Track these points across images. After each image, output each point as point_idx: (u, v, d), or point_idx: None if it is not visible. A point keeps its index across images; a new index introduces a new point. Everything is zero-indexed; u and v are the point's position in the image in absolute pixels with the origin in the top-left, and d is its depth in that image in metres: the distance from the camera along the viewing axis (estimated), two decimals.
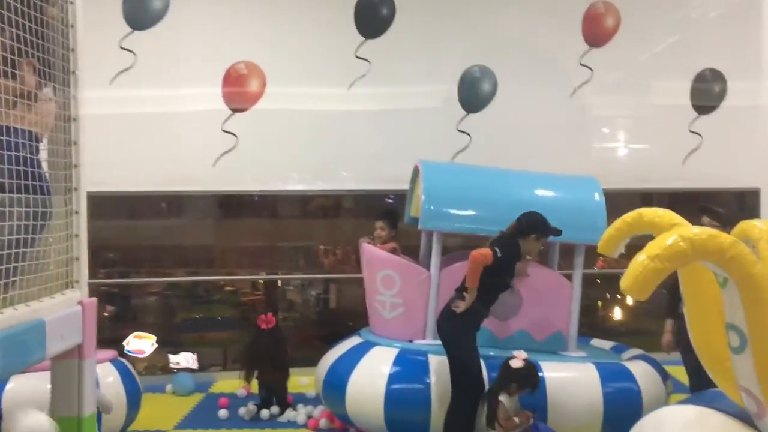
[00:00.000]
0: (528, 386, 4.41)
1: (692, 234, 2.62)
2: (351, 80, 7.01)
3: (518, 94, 7.17)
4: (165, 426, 5.56)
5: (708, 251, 2.58)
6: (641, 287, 2.57)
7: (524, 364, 4.40)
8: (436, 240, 5.20)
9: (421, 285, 5.20)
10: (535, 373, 4.44)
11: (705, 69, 7.41)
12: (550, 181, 5.60)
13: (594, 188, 5.38)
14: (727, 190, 7.36)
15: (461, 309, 4.46)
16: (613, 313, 9.29)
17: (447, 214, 5.20)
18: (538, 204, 5.18)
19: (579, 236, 5.16)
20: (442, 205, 5.22)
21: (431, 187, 5.24)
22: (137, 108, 6.72)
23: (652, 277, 2.56)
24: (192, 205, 8.46)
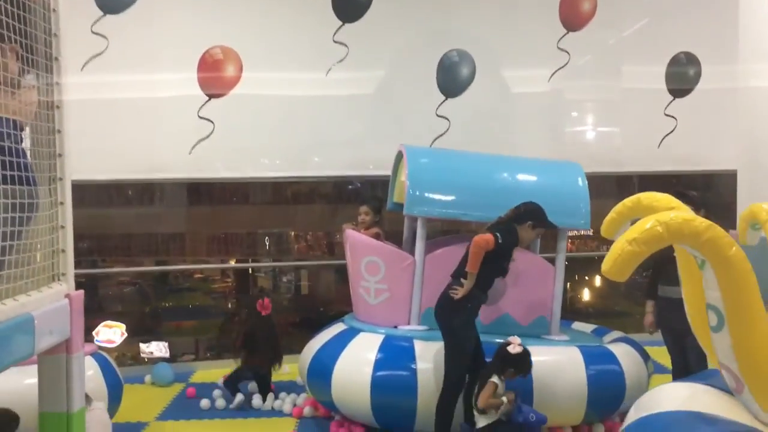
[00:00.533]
0: (522, 371, 4.44)
1: (668, 218, 2.70)
2: (329, 65, 6.93)
3: (497, 79, 7.18)
4: (146, 418, 5.48)
5: (684, 235, 2.67)
6: (620, 269, 2.70)
7: (521, 349, 4.43)
8: (420, 225, 5.17)
9: (406, 271, 5.17)
10: (530, 359, 4.47)
11: (680, 52, 7.49)
12: (534, 166, 5.61)
13: (577, 173, 5.41)
14: (703, 172, 7.47)
15: (460, 294, 4.46)
16: (583, 295, 9.45)
17: (432, 200, 5.17)
18: (522, 189, 5.24)
19: (562, 221, 5.19)
20: (426, 190, 5.18)
21: (416, 172, 5.21)
22: (110, 94, 6.53)
23: (630, 260, 2.69)
24: (164, 193, 8.34)
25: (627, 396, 4.88)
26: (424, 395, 4.68)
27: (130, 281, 9.32)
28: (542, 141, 7.21)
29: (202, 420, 5.45)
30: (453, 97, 7.13)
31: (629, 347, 5.17)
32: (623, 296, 8.98)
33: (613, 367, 4.93)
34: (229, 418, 5.48)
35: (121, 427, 5.14)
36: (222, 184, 7.86)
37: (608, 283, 9.07)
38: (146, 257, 9.20)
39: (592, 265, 8.68)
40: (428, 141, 6.99)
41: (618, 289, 8.99)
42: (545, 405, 4.60)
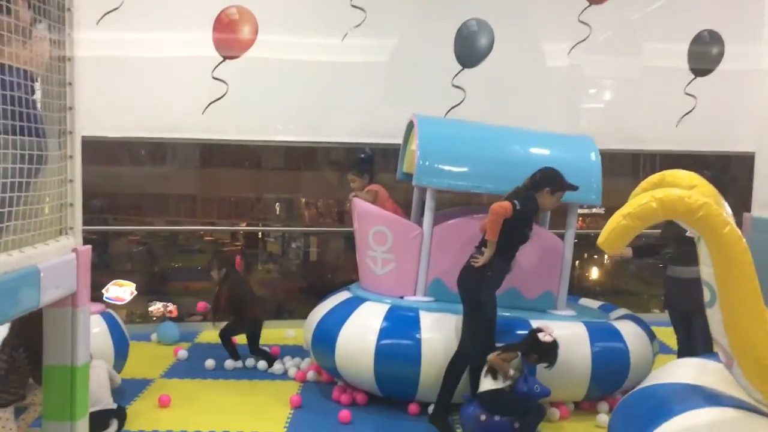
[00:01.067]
0: (546, 361, 4.45)
1: (663, 195, 2.78)
2: (345, 30, 6.82)
3: (515, 50, 7.04)
4: (151, 375, 5.54)
5: (677, 211, 2.75)
6: (613, 242, 2.81)
7: (551, 340, 4.44)
8: (429, 196, 5.13)
9: (413, 242, 5.15)
10: (557, 351, 4.46)
11: (704, 30, 7.32)
12: (546, 139, 5.53)
13: (590, 148, 5.33)
14: (721, 153, 7.36)
15: (480, 263, 4.43)
16: (592, 273, 9.41)
17: (442, 171, 5.11)
18: (534, 162, 5.12)
19: (574, 196, 5.14)
20: (436, 161, 5.12)
21: (426, 143, 5.15)
22: (124, 51, 6.49)
23: (623, 234, 2.80)
24: (176, 154, 8.33)
25: (631, 374, 4.89)
26: (427, 365, 4.70)
27: (140, 240, 9.37)
28: (559, 116, 7.11)
29: (205, 380, 5.50)
30: (470, 68, 7.02)
31: (635, 325, 5.16)
32: (632, 275, 8.95)
33: (618, 344, 4.93)
34: (234, 379, 5.53)
35: (127, 383, 5.21)
36: (234, 147, 7.82)
37: (618, 262, 9.05)
38: (157, 217, 9.23)
39: None
40: (443, 111, 6.90)
41: (627, 268, 8.96)
42: (548, 379, 4.57)
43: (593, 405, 4.97)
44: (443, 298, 5.09)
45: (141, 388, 5.23)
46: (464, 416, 4.48)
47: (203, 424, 4.58)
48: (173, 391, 5.07)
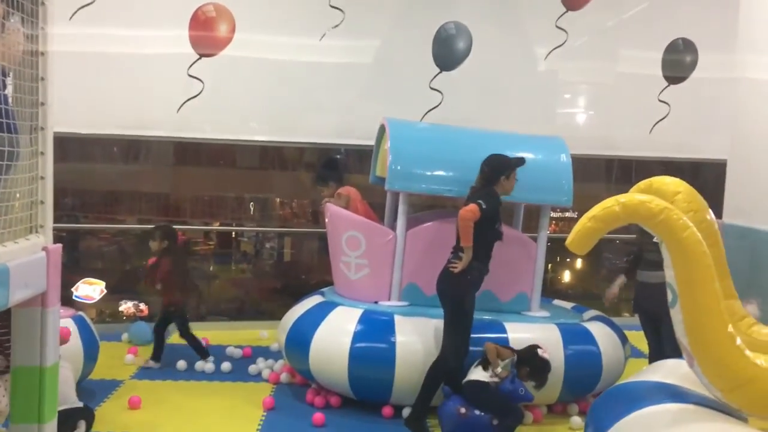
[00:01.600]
0: (535, 378, 4.50)
1: (626, 199, 2.95)
2: (323, 31, 6.79)
3: (493, 54, 7.07)
4: (121, 376, 5.46)
5: (639, 215, 2.90)
6: (579, 243, 2.95)
7: (547, 359, 4.50)
8: (402, 201, 5.11)
9: (387, 246, 5.13)
10: (547, 375, 4.52)
11: (678, 38, 7.42)
12: (517, 141, 5.52)
13: (561, 149, 5.35)
14: (694, 160, 7.46)
15: (459, 268, 4.44)
16: (564, 277, 9.48)
17: (414, 175, 5.09)
18: None
19: (545, 198, 5.19)
20: (409, 165, 5.10)
21: (398, 147, 5.12)
22: (98, 47, 6.38)
23: (588, 235, 2.93)
24: (149, 151, 8.21)
25: (603, 377, 4.93)
26: (401, 368, 4.68)
27: (111, 239, 9.23)
28: (534, 120, 7.14)
29: (177, 381, 5.44)
30: (447, 71, 7.04)
31: (608, 328, 5.19)
32: (603, 279, 9.03)
33: (590, 347, 4.96)
34: (206, 380, 5.47)
35: (96, 384, 5.13)
36: (209, 146, 7.74)
37: (589, 266, 9.13)
38: (129, 215, 9.10)
39: None
40: (420, 113, 6.91)
41: (599, 272, 9.04)
42: None
43: (565, 408, 5.00)
44: (418, 302, 5.10)
45: (111, 390, 5.15)
46: (444, 410, 4.49)
47: (174, 426, 4.53)
48: (144, 393, 5.00)
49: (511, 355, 4.53)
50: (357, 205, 5.49)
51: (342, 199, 5.45)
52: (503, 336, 4.84)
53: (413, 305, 5.09)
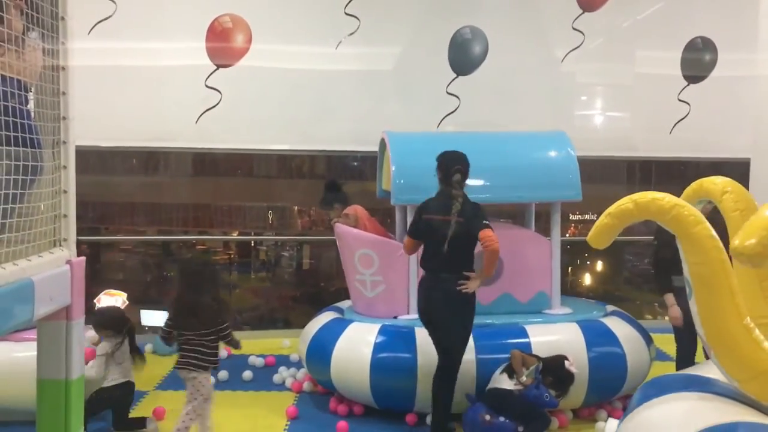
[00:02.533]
0: (557, 387, 4.46)
1: (639, 197, 3.05)
2: (339, 38, 6.81)
3: (509, 58, 7.05)
4: (145, 387, 5.46)
5: (651, 211, 2.99)
6: (597, 238, 3.12)
7: (572, 372, 4.47)
8: (410, 214, 5.05)
9: (400, 261, 5.05)
10: (569, 387, 4.50)
11: (696, 37, 7.35)
12: (520, 140, 5.46)
13: (565, 143, 5.27)
14: (714, 159, 7.38)
15: (471, 289, 4.32)
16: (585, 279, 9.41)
17: (419, 187, 4.86)
18: (510, 166, 5.18)
19: (554, 194, 5.13)
20: (412, 178, 5.01)
21: (400, 160, 5.07)
22: (116, 60, 6.46)
23: (605, 231, 3.08)
24: (168, 162, 8.29)
25: (628, 379, 4.85)
26: (423, 378, 4.61)
27: (132, 250, 9.31)
28: (552, 123, 7.07)
29: None
30: (464, 75, 7.02)
31: (631, 328, 5.09)
32: (625, 282, 8.96)
33: (614, 349, 4.86)
34: (229, 390, 5.47)
35: None
36: (227, 156, 7.79)
37: (611, 268, 9.06)
38: (149, 227, 9.18)
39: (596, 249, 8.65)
40: (437, 119, 6.91)
41: (621, 274, 8.97)
42: None
43: (592, 412, 4.94)
44: None
45: (136, 400, 5.16)
46: (468, 417, 4.46)
47: None
48: (168, 403, 4.99)
49: (536, 363, 4.49)
50: (365, 222, 5.43)
51: (350, 219, 5.41)
52: (525, 341, 4.79)
53: None
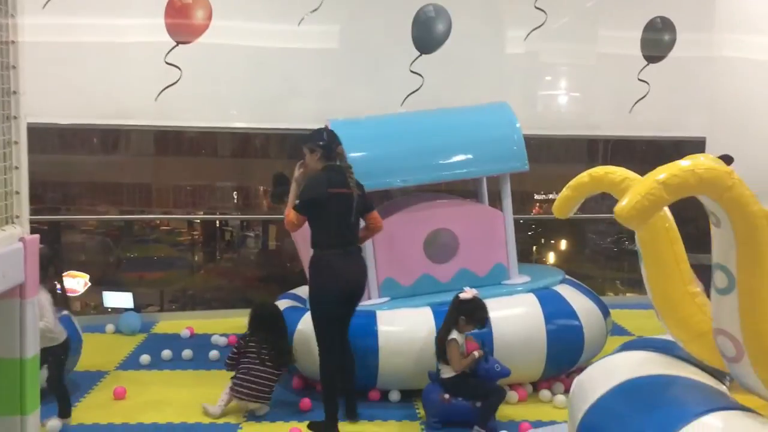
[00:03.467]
0: (475, 321, 4.44)
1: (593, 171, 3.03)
2: (301, 15, 6.73)
3: (473, 36, 7.04)
4: (106, 367, 5.44)
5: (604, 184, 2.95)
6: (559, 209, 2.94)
7: (473, 297, 4.45)
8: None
9: None
10: (483, 308, 4.47)
11: (656, 17, 7.41)
12: (462, 116, 5.48)
13: (508, 115, 5.30)
14: (674, 138, 7.50)
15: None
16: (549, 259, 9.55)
17: (365, 172, 4.85)
18: (455, 143, 5.23)
19: (501, 167, 5.21)
20: (360, 166, 4.90)
21: (347, 147, 4.99)
22: (73, 36, 6.31)
23: (566, 202, 2.99)
24: (129, 141, 8.15)
25: (585, 352, 4.97)
26: (385, 356, 4.68)
27: (94, 230, 9.17)
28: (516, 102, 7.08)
29: (162, 371, 5.42)
30: (428, 53, 7.01)
31: (590, 302, 5.17)
32: (588, 260, 9.11)
33: (573, 322, 4.94)
34: (191, 369, 5.46)
35: (81, 376, 5.11)
36: (191, 134, 7.69)
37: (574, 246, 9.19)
38: (111, 206, 9.04)
39: (560, 228, 8.77)
40: (401, 97, 6.89)
41: (584, 252, 9.12)
42: (506, 360, 4.61)
43: (550, 385, 5.03)
44: (398, 295, 5.09)
45: (96, 381, 5.13)
46: (427, 396, 4.50)
47: (160, 416, 4.52)
48: (129, 383, 4.99)
49: (456, 343, 4.41)
50: None
51: None
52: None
53: (394, 299, 5.08)
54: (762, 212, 2.53)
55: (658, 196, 2.41)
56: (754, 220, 2.52)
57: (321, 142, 4.40)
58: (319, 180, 4.31)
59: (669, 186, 2.41)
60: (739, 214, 2.51)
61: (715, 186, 2.46)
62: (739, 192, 2.48)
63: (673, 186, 2.41)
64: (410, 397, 4.82)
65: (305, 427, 4.37)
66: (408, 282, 5.13)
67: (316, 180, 4.33)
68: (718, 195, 2.48)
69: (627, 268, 8.81)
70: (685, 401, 2.67)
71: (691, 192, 2.47)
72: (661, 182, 2.41)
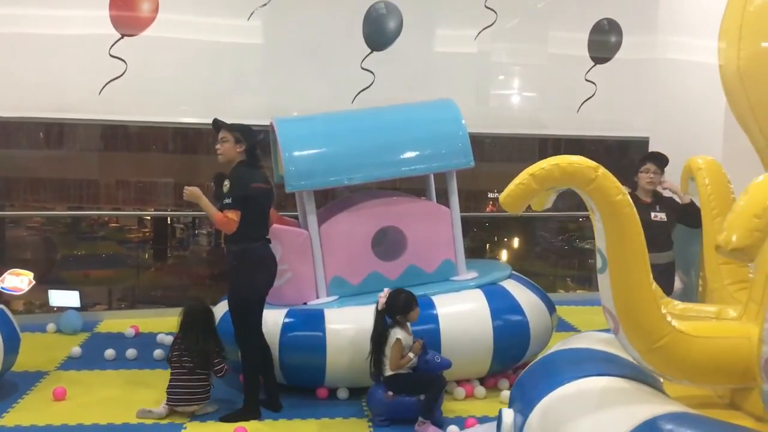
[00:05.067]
0: (410, 308, 4.45)
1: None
2: (251, 10, 6.65)
3: (424, 35, 7.08)
4: (46, 367, 5.30)
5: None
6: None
7: (388, 295, 4.48)
8: (307, 199, 5.04)
9: (303, 247, 5.04)
10: (405, 293, 4.48)
11: (603, 19, 7.54)
12: (408, 113, 5.50)
13: (453, 111, 5.32)
14: (619, 138, 7.64)
15: None
16: (501, 255, 9.65)
17: (311, 172, 4.98)
18: (399, 141, 5.24)
19: (447, 164, 5.24)
20: (304, 164, 5.01)
21: (289, 147, 5.04)
22: (14, 28, 6.14)
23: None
24: (78, 135, 7.94)
25: (530, 347, 5.03)
26: (333, 355, 4.67)
27: (40, 227, 8.92)
28: (466, 101, 7.16)
29: (105, 371, 5.31)
30: (378, 51, 7.00)
31: (536, 297, 5.24)
32: (538, 257, 9.22)
33: (518, 317, 5.00)
34: (135, 369, 5.37)
35: (19, 377, 4.98)
36: (140, 129, 7.52)
37: (526, 244, 9.30)
38: (58, 203, 8.80)
39: (513, 226, 8.87)
40: (352, 94, 6.86)
41: (535, 249, 9.22)
42: (453, 357, 4.62)
43: (496, 382, 5.08)
44: (347, 293, 5.09)
45: (34, 381, 4.99)
46: (372, 396, 4.51)
47: (101, 416, 4.42)
48: (69, 384, 4.87)
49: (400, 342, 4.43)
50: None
51: None
52: (432, 312, 4.86)
53: (343, 297, 5.07)
54: (625, 201, 2.83)
55: (527, 185, 2.78)
56: (618, 209, 2.82)
57: (248, 137, 4.48)
58: (244, 176, 4.40)
59: (537, 177, 2.77)
60: (604, 203, 2.83)
61: (578, 179, 2.79)
62: (602, 184, 2.79)
63: (540, 177, 2.78)
64: (358, 395, 4.81)
65: (250, 426, 4.33)
66: (356, 280, 5.13)
67: (241, 176, 4.39)
68: (584, 186, 2.80)
69: (578, 265, 8.95)
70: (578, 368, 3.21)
71: (557, 183, 2.82)
72: (530, 174, 2.79)
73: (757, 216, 2.52)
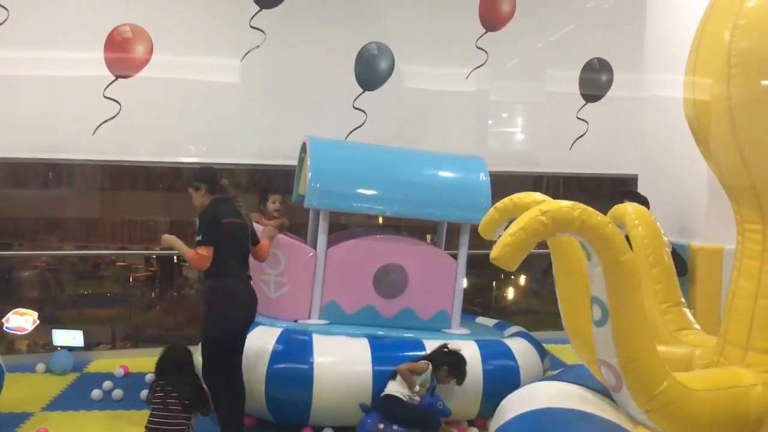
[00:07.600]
0: (456, 375, 4.57)
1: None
2: (244, 51, 6.76)
3: (415, 74, 7.15)
4: (31, 408, 5.24)
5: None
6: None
7: (457, 350, 4.59)
8: (322, 218, 5.11)
9: (307, 264, 5.10)
10: (464, 367, 4.59)
11: (594, 58, 7.64)
12: (437, 159, 5.59)
13: (480, 168, 5.42)
14: (610, 175, 7.66)
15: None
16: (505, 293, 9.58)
17: (333, 193, 5.10)
18: (425, 183, 5.30)
19: (464, 216, 5.26)
20: (328, 183, 5.10)
21: (318, 165, 5.12)
22: (9, 70, 6.23)
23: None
24: (73, 175, 8.01)
25: None
26: (320, 390, 4.62)
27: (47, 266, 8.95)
28: (457, 139, 7.25)
29: (91, 411, 5.25)
30: (371, 90, 7.07)
31: (527, 343, 5.26)
32: (534, 295, 9.14)
33: (509, 362, 4.99)
34: (122, 410, 5.30)
35: (2, 417, 4.91)
36: (147, 170, 7.58)
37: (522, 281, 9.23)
38: (65, 242, 8.84)
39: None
40: (344, 133, 6.92)
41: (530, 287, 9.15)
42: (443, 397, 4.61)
43: (486, 423, 4.99)
44: (338, 321, 5.09)
45: (17, 423, 4.93)
46: (362, 427, 4.45)
47: None
48: (54, 426, 4.79)
49: (425, 368, 4.52)
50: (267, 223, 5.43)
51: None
52: (421, 353, 4.82)
53: (333, 323, 5.07)
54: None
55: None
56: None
57: (202, 179, 4.45)
58: (212, 211, 4.34)
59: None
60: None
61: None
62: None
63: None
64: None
65: None
66: (351, 310, 5.14)
67: (208, 213, 4.35)
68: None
69: None
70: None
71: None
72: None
73: (511, 234, 2.74)
